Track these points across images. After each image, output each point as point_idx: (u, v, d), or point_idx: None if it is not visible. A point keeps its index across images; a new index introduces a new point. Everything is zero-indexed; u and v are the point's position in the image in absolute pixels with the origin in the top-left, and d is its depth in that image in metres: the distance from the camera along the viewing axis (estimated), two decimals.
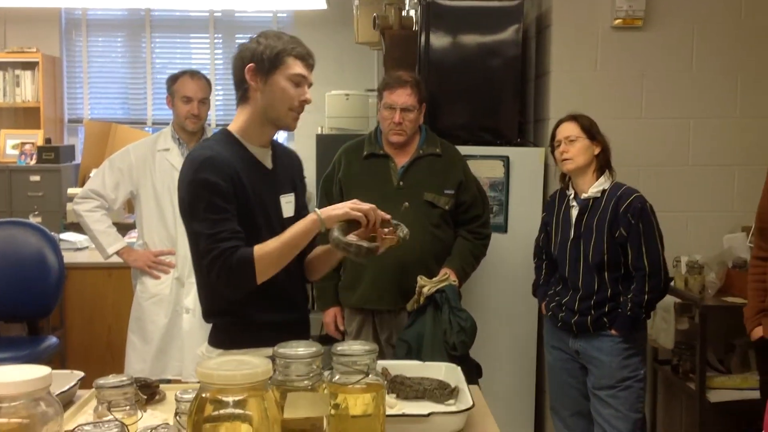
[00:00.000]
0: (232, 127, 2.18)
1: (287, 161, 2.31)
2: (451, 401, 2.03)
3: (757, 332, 2.92)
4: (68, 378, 2.06)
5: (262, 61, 2.10)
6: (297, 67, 2.12)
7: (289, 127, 2.17)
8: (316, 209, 2.06)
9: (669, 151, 3.98)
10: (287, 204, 2.23)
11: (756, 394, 3.12)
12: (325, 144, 4.66)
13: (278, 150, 2.28)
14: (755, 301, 2.95)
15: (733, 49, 3.95)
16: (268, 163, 2.21)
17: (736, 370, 3.73)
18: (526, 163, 3.88)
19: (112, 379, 1.68)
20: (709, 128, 3.97)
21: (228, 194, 2.02)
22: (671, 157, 3.98)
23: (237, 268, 1.97)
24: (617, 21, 3.89)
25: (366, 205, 2.05)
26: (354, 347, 1.66)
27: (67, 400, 1.95)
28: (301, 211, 2.28)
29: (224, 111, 6.63)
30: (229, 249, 1.97)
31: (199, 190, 2.01)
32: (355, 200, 2.06)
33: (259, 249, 2.00)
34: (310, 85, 2.17)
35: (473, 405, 1.91)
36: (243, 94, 2.16)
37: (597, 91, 3.92)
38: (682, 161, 3.99)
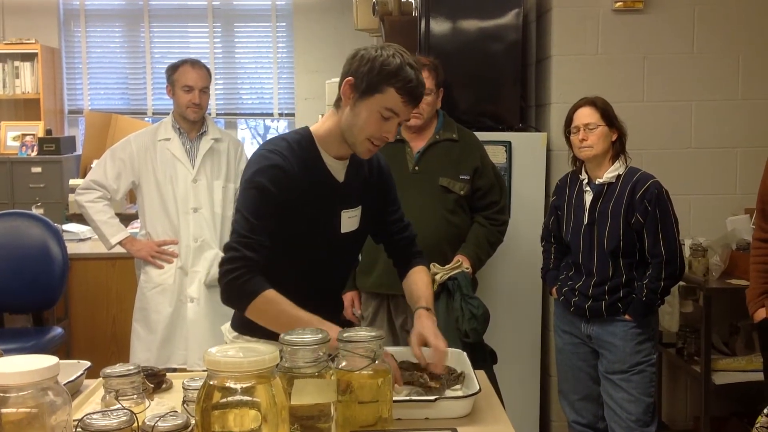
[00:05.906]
0: (316, 129, 2.08)
1: (362, 172, 2.16)
2: (458, 386, 2.03)
3: (760, 314, 2.91)
4: (75, 368, 2.06)
5: (362, 81, 1.96)
6: (394, 102, 1.95)
7: (361, 156, 2.06)
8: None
9: (671, 134, 3.97)
10: (349, 219, 2.13)
11: (760, 376, 3.11)
12: None
13: (354, 161, 2.13)
14: (757, 283, 2.94)
15: (735, 31, 3.93)
16: (340, 177, 2.10)
17: (741, 352, 3.74)
18: (528, 148, 3.87)
19: (119, 368, 1.68)
20: (711, 110, 3.96)
21: (275, 203, 1.97)
22: (673, 139, 3.97)
23: (240, 292, 1.94)
24: (618, 4, 3.87)
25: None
26: (360, 333, 1.66)
27: (74, 390, 1.95)
28: (388, 207, 2.27)
29: (224, 101, 6.62)
30: (249, 269, 1.92)
31: (252, 191, 1.98)
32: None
33: (270, 297, 1.93)
34: (401, 123, 2.03)
35: (479, 390, 1.92)
36: (338, 100, 2.04)
37: (598, 75, 3.90)
38: (685, 144, 3.98)
